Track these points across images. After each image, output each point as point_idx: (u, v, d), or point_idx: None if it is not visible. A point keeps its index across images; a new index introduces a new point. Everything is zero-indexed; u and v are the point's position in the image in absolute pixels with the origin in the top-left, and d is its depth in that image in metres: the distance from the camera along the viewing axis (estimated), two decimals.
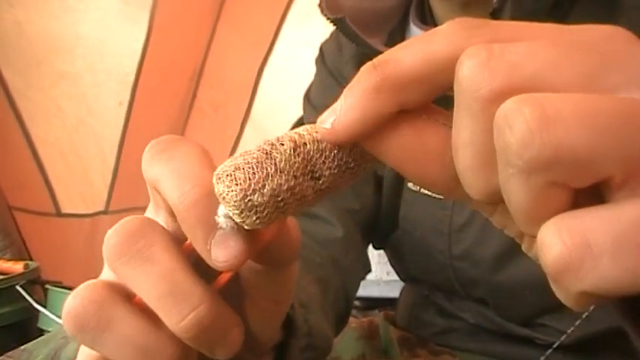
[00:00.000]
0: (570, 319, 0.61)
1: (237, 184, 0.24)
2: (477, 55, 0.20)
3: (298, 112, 0.80)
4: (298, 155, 0.25)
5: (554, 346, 0.58)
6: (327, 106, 0.24)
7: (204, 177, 0.26)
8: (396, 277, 0.83)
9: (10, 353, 0.48)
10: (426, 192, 0.67)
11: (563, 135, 0.18)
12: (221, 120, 1.85)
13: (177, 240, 0.28)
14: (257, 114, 1.83)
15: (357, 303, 1.52)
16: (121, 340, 0.27)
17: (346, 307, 0.65)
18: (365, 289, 0.71)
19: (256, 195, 0.24)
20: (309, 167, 0.25)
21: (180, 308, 0.26)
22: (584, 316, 0.28)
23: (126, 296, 0.28)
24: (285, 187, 0.25)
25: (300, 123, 0.77)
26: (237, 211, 0.24)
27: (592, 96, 0.19)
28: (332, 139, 0.24)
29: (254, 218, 0.24)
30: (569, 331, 0.58)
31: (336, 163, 0.25)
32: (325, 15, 0.64)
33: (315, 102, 0.76)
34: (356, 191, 0.70)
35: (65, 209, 1.75)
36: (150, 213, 0.31)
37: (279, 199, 0.25)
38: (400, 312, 0.80)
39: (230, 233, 0.26)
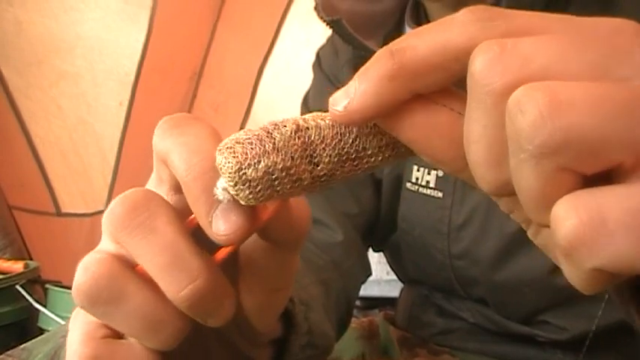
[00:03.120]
0: (571, 316, 0.61)
1: (234, 157, 0.25)
2: (489, 50, 0.21)
3: (298, 111, 0.80)
4: (298, 138, 0.25)
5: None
6: (324, 111, 0.25)
7: (212, 152, 0.27)
8: (395, 276, 0.83)
9: (9, 352, 0.48)
10: (425, 192, 0.67)
11: (574, 120, 0.18)
12: (221, 120, 1.85)
13: (180, 213, 0.29)
14: (257, 114, 1.84)
15: (357, 303, 1.52)
16: (131, 313, 0.28)
17: (347, 310, 0.65)
18: (365, 289, 0.71)
19: (250, 169, 0.25)
20: (308, 151, 0.26)
21: (180, 279, 0.27)
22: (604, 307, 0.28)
23: (134, 269, 0.29)
24: (281, 166, 0.25)
25: None
26: (231, 183, 0.25)
27: (603, 84, 0.19)
28: (344, 121, 0.25)
29: (247, 192, 0.25)
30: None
31: (336, 151, 0.26)
32: (321, 17, 0.64)
33: (313, 107, 0.77)
34: (355, 195, 0.71)
35: (65, 209, 1.75)
36: (151, 186, 0.31)
37: (274, 177, 0.25)
38: (400, 312, 0.80)
39: (232, 207, 0.26)
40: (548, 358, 0.63)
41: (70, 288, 1.26)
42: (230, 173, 0.25)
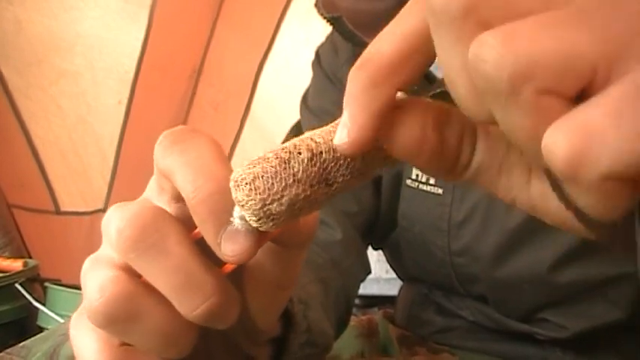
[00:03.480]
0: (571, 314, 0.61)
1: (256, 194, 0.25)
2: None
3: (297, 110, 0.80)
4: (314, 165, 0.26)
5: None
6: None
7: (217, 171, 0.27)
8: (395, 275, 0.83)
9: (9, 350, 0.48)
10: (425, 188, 0.67)
11: (531, 44, 0.19)
12: (220, 118, 1.86)
13: (185, 226, 0.29)
14: (256, 112, 1.84)
15: (356, 301, 1.52)
16: (148, 330, 0.28)
17: (347, 309, 0.65)
18: (364, 287, 0.71)
19: (275, 204, 0.25)
20: (324, 175, 0.26)
21: (194, 299, 0.27)
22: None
23: (150, 286, 0.28)
24: (302, 196, 0.25)
25: (297, 127, 0.77)
26: (254, 218, 0.25)
27: (549, 12, 0.20)
28: (355, 149, 0.24)
29: (270, 224, 0.25)
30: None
31: (349, 170, 0.26)
32: (322, 14, 0.64)
33: (313, 105, 0.77)
34: (355, 194, 0.71)
35: (64, 207, 1.75)
36: (151, 193, 0.31)
37: (296, 207, 0.25)
38: (399, 310, 0.80)
39: (241, 231, 0.27)
40: (547, 357, 0.63)
41: (69, 286, 1.26)
42: (255, 210, 0.25)
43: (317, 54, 0.80)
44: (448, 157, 0.25)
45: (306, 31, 1.73)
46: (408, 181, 0.68)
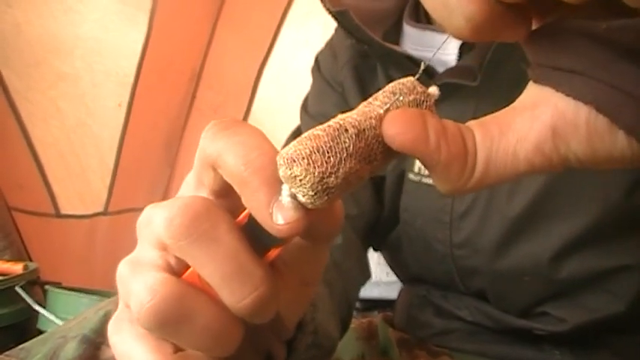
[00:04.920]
0: (570, 306, 0.61)
1: (314, 167, 0.25)
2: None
3: (297, 112, 0.80)
4: (361, 141, 0.26)
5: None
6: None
7: (269, 148, 0.28)
8: (395, 278, 0.83)
9: (8, 352, 0.48)
10: (427, 181, 0.67)
11: None
12: None
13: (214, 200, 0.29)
14: (256, 115, 1.84)
15: (356, 304, 1.52)
16: (199, 330, 0.28)
17: (348, 312, 0.65)
18: (364, 290, 0.71)
19: (332, 178, 0.26)
20: (367, 152, 0.27)
21: (243, 288, 0.27)
22: None
23: (197, 286, 0.29)
24: (355, 170, 0.26)
25: (297, 133, 0.77)
26: (311, 193, 0.26)
27: None
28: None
29: (325, 199, 0.26)
30: None
31: (387, 147, 0.27)
32: (328, 9, 0.65)
33: (313, 111, 0.77)
34: (354, 197, 0.71)
35: (64, 210, 1.75)
36: (188, 189, 0.32)
37: (348, 180, 0.26)
38: (398, 313, 0.80)
39: (292, 203, 0.27)
40: (546, 359, 0.63)
41: (69, 289, 1.26)
42: (313, 184, 0.26)
43: (316, 60, 0.80)
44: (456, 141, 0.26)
45: (305, 34, 1.73)
46: (411, 175, 0.69)
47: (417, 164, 0.68)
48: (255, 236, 0.28)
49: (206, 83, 1.86)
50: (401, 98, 0.27)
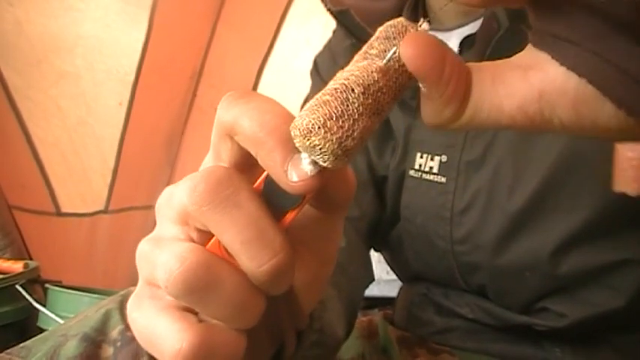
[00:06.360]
0: (571, 302, 0.61)
1: (332, 134, 0.26)
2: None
3: (297, 111, 0.80)
4: (367, 98, 0.27)
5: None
6: None
7: (281, 110, 0.29)
8: (395, 276, 0.83)
9: (9, 350, 0.48)
10: (428, 177, 0.67)
11: None
12: None
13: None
14: None
15: None
16: (224, 299, 0.28)
17: (353, 315, 0.65)
18: None
19: (349, 140, 0.26)
20: (375, 105, 0.27)
21: (263, 254, 0.28)
22: None
23: (221, 255, 0.29)
24: (367, 126, 0.27)
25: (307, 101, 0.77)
26: (332, 158, 0.27)
27: None
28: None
29: (345, 160, 0.27)
30: None
31: (391, 96, 0.28)
32: (328, 9, 0.65)
33: None
34: (356, 199, 0.71)
35: (65, 209, 1.75)
36: (207, 163, 0.33)
37: (363, 139, 0.27)
38: (398, 311, 0.80)
39: (307, 160, 0.28)
40: (547, 358, 0.63)
41: (70, 288, 1.25)
42: (333, 150, 0.26)
43: (315, 62, 0.81)
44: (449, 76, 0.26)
45: (306, 33, 1.73)
46: (411, 172, 0.69)
47: (418, 161, 0.68)
48: (272, 200, 0.29)
49: (207, 82, 1.86)
50: (396, 42, 0.28)
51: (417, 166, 0.68)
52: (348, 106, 0.27)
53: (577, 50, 0.24)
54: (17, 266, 1.38)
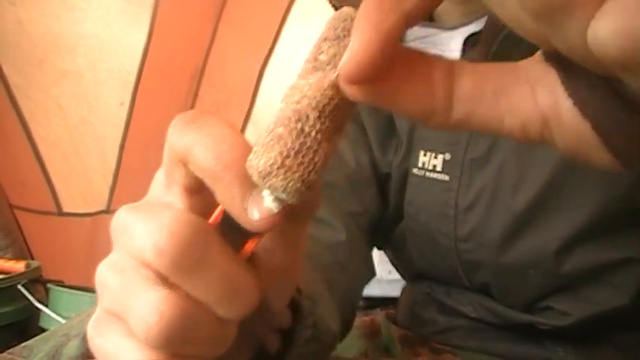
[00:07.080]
0: (574, 300, 0.61)
1: (293, 172, 0.25)
2: None
3: None
4: (324, 122, 0.25)
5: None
6: None
7: (238, 140, 0.27)
8: (397, 276, 0.83)
9: (10, 350, 0.48)
10: (432, 176, 0.67)
11: None
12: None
13: (201, 217, 0.28)
14: (258, 113, 1.83)
15: (359, 302, 1.52)
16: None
17: (351, 311, 0.65)
18: (366, 289, 0.71)
19: (312, 174, 0.25)
20: (333, 126, 0.26)
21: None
22: None
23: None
24: (330, 151, 0.25)
25: None
26: (297, 195, 0.25)
27: None
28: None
29: (308, 193, 0.25)
30: None
31: (349, 109, 0.26)
32: (334, 5, 0.66)
33: None
34: (358, 195, 0.71)
35: (66, 208, 1.75)
36: (159, 188, 0.31)
37: (325, 163, 0.25)
38: (401, 311, 0.80)
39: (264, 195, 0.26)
40: (549, 357, 0.63)
41: (71, 287, 1.26)
42: (297, 188, 0.25)
43: None
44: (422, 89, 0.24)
45: (308, 33, 1.73)
46: (415, 170, 0.69)
47: (421, 159, 0.68)
48: (231, 230, 0.27)
49: (208, 81, 1.85)
50: (346, 42, 0.25)
51: (420, 164, 0.68)
52: (304, 138, 0.25)
53: (588, 88, 0.22)
54: (19, 266, 1.38)
